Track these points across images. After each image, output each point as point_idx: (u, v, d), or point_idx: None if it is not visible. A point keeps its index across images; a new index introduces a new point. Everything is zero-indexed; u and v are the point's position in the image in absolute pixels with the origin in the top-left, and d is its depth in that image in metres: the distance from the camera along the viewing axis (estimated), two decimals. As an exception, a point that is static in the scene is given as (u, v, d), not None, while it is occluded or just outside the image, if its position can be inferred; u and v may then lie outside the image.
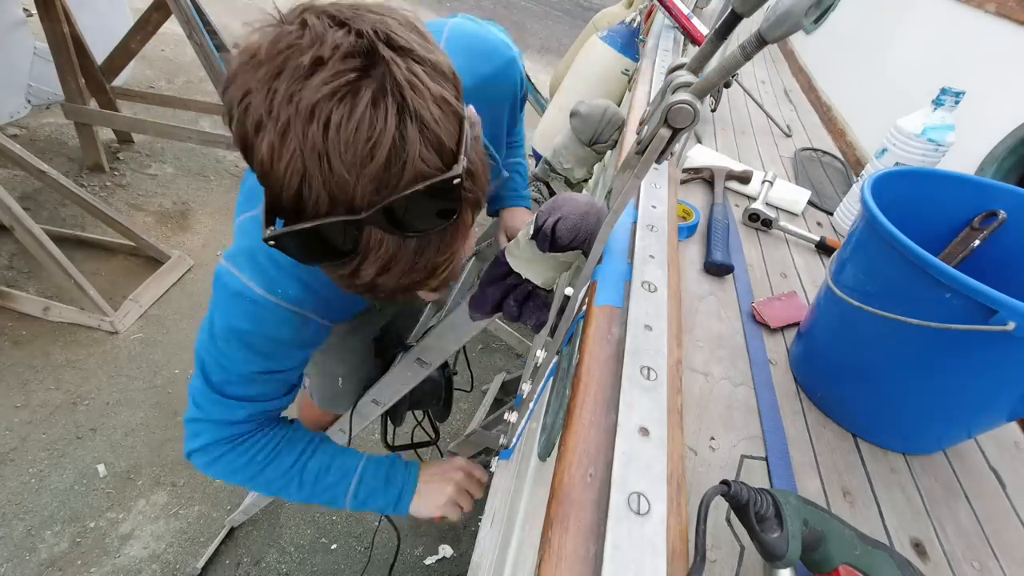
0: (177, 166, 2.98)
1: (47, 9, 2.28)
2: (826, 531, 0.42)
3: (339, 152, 0.38)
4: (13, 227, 1.84)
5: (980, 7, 1.26)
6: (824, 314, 0.70)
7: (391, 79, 0.39)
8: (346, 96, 0.37)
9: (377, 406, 1.05)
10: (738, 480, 0.42)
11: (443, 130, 0.41)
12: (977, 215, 0.72)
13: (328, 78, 0.37)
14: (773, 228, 1.05)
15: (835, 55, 2.03)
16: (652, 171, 0.74)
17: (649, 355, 0.51)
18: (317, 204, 0.40)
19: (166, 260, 2.36)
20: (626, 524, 0.37)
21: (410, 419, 1.26)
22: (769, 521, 0.40)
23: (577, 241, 0.63)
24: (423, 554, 1.71)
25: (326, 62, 0.38)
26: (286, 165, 0.39)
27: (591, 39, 2.13)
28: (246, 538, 1.65)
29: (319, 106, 0.37)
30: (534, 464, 0.76)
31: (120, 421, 1.84)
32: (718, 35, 0.46)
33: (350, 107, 0.37)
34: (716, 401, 0.67)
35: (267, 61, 0.39)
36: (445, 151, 0.42)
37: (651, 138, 0.46)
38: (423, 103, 0.40)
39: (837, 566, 0.41)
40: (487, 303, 0.74)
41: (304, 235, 0.41)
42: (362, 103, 0.38)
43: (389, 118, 0.38)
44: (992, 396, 0.59)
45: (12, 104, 2.86)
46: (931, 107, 0.97)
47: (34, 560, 1.49)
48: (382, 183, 0.39)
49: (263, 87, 0.38)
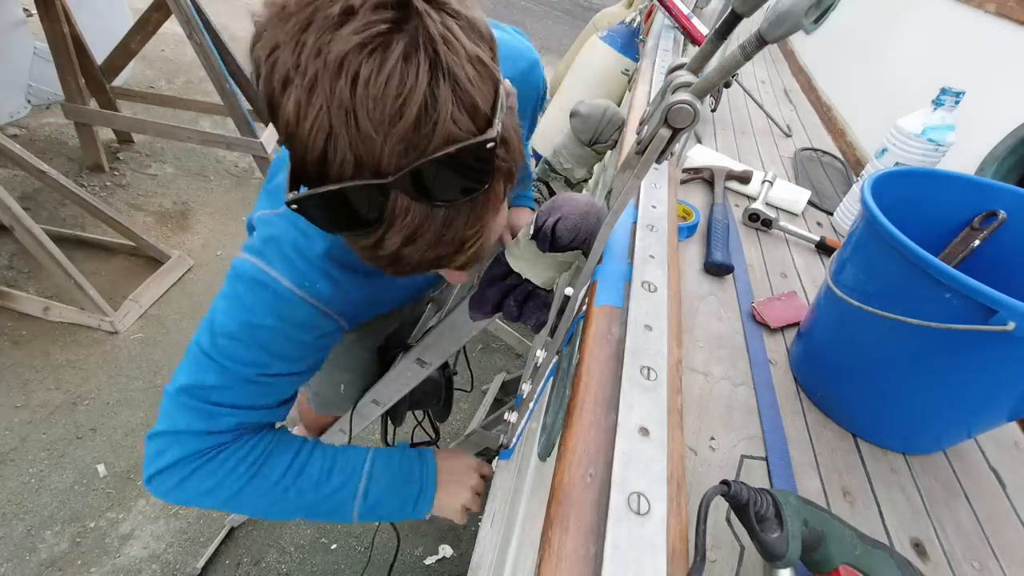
0: (177, 166, 2.98)
1: (47, 9, 2.28)
2: (826, 531, 0.42)
3: (367, 109, 0.36)
4: (13, 227, 1.84)
5: (980, 7, 1.26)
6: (824, 314, 0.70)
7: (424, 33, 0.36)
8: (376, 49, 0.35)
9: (377, 406, 1.05)
10: (738, 480, 0.42)
11: (477, 91, 0.39)
12: (977, 215, 0.72)
13: (359, 28, 0.35)
14: (773, 228, 1.06)
15: (835, 55, 2.03)
16: (652, 171, 0.74)
17: (649, 355, 0.51)
18: (342, 166, 0.38)
19: (166, 260, 2.36)
20: (626, 524, 0.37)
21: (410, 419, 1.26)
22: (769, 521, 0.40)
23: (577, 241, 0.63)
24: (423, 554, 1.71)
25: (356, 11, 0.36)
26: (312, 123, 0.37)
27: (591, 39, 2.13)
28: (246, 538, 1.65)
29: (348, 59, 0.35)
30: (534, 464, 0.76)
31: (120, 421, 1.84)
32: (718, 35, 0.46)
33: (380, 61, 0.35)
34: (716, 401, 0.67)
35: (296, 12, 0.37)
36: (479, 114, 0.40)
37: (651, 138, 0.46)
38: (457, 60, 0.37)
39: (837, 566, 0.41)
40: (487, 303, 0.74)
41: (328, 199, 0.39)
42: (393, 57, 0.36)
43: (421, 74, 0.36)
44: (992, 396, 0.59)
45: (12, 104, 2.86)
46: (931, 107, 0.97)
47: (34, 560, 1.49)
48: (410, 144, 0.37)
49: (291, 40, 0.37)
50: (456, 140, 0.38)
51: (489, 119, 0.40)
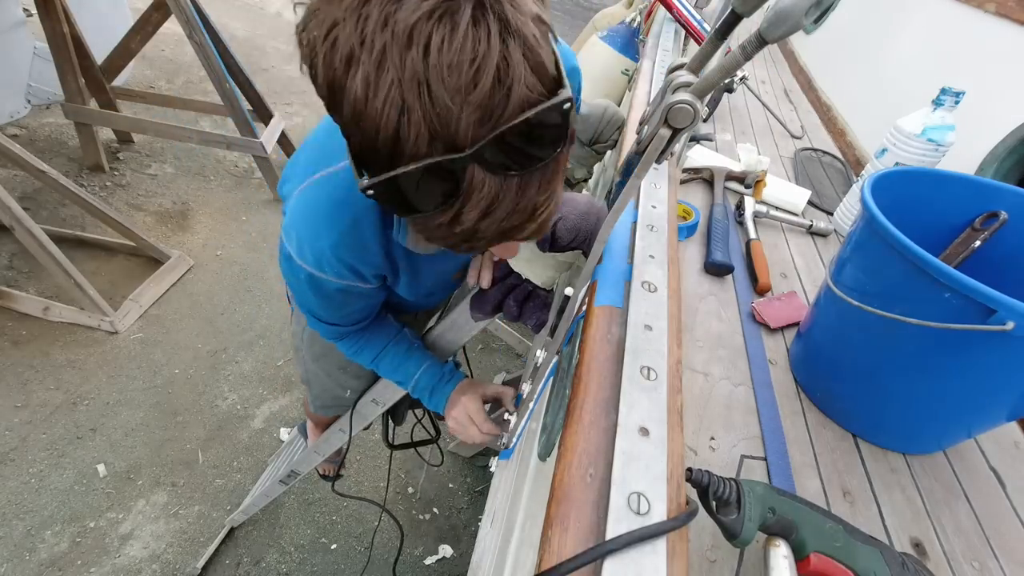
0: (177, 166, 2.98)
1: (47, 9, 2.28)
2: (797, 520, 0.45)
3: (442, 78, 0.34)
4: (13, 227, 1.84)
5: (980, 7, 1.26)
6: (824, 314, 0.70)
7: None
8: (445, 15, 0.34)
9: (377, 406, 1.05)
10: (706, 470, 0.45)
11: (544, 52, 0.37)
12: (978, 216, 0.72)
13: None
14: (764, 218, 1.08)
15: (835, 55, 2.03)
16: (652, 171, 0.74)
17: (649, 355, 0.51)
18: (417, 143, 0.36)
19: (166, 260, 2.36)
20: (626, 524, 0.37)
21: (410, 418, 1.26)
22: (731, 506, 0.44)
23: (577, 241, 0.63)
24: (423, 554, 1.71)
25: None
26: (384, 99, 0.35)
27: (591, 39, 2.13)
28: (246, 538, 1.65)
29: (417, 28, 0.34)
30: (534, 464, 0.76)
31: (120, 421, 1.84)
32: (718, 35, 0.46)
33: (451, 27, 0.34)
34: (716, 401, 0.67)
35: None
36: (547, 76, 0.38)
37: (651, 138, 0.46)
38: (524, 21, 0.36)
39: (809, 553, 0.44)
40: (488, 303, 0.74)
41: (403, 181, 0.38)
42: (463, 22, 0.34)
43: (492, 38, 0.35)
44: (992, 396, 0.59)
45: (12, 104, 2.86)
46: (931, 107, 0.97)
47: (34, 560, 1.49)
48: (487, 113, 0.36)
49: (352, 15, 0.35)
50: (530, 104, 0.37)
51: (558, 79, 0.39)
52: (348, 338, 0.83)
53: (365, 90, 0.35)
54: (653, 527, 0.37)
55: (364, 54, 0.35)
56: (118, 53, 2.75)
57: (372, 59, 0.35)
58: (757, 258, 0.92)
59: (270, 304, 2.34)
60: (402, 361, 0.85)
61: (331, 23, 0.36)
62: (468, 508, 1.87)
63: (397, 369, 0.86)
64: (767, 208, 1.10)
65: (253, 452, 1.85)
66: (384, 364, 0.85)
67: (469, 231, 0.42)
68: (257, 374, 2.08)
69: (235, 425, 1.91)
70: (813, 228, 1.09)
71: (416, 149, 0.37)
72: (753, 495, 0.44)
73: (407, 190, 0.39)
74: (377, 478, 1.86)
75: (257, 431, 1.91)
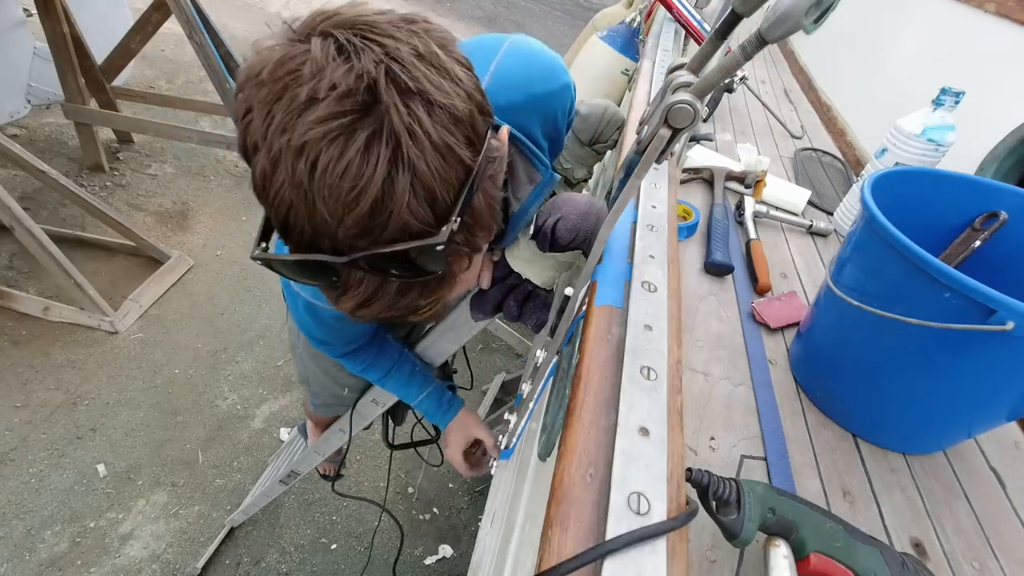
0: (177, 166, 2.98)
1: (47, 9, 2.28)
2: (797, 520, 0.45)
3: (323, 195, 0.37)
4: (13, 227, 1.84)
5: (980, 7, 1.26)
6: (824, 314, 0.70)
7: (388, 124, 0.37)
8: (337, 139, 0.36)
9: (377, 406, 1.05)
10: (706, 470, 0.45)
11: (439, 182, 0.39)
12: (978, 216, 0.72)
13: (322, 117, 0.36)
14: (764, 218, 1.08)
15: (835, 55, 2.03)
16: (652, 171, 0.73)
17: (649, 355, 0.51)
18: (302, 235, 0.40)
19: (166, 260, 2.36)
20: (626, 524, 0.37)
21: (410, 418, 1.26)
22: (730, 506, 0.44)
23: (577, 241, 0.63)
24: (423, 554, 1.71)
25: (321, 101, 0.36)
26: (275, 193, 0.39)
27: (591, 39, 2.13)
28: (246, 538, 1.65)
29: (308, 145, 0.36)
30: (534, 464, 0.76)
31: (120, 421, 1.84)
32: (718, 35, 0.46)
33: (340, 150, 0.36)
34: (716, 401, 0.67)
35: (268, 83, 0.38)
36: (439, 205, 0.40)
37: (651, 138, 0.46)
38: (419, 153, 0.38)
39: (809, 553, 0.44)
40: (488, 303, 0.74)
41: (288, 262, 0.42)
42: (352, 148, 0.36)
43: (379, 165, 0.37)
44: (992, 396, 0.59)
45: (12, 104, 2.85)
46: (931, 107, 0.97)
47: (34, 560, 1.49)
48: (365, 230, 0.38)
49: (263, 109, 0.38)
50: (411, 231, 0.39)
51: (450, 208, 0.40)
52: (350, 357, 0.89)
53: (262, 179, 0.39)
54: (653, 527, 0.37)
55: (264, 149, 0.38)
56: (118, 53, 2.74)
57: (269, 157, 0.38)
58: (757, 258, 0.92)
59: (270, 304, 2.34)
60: (406, 384, 0.95)
61: (247, 107, 0.39)
62: (468, 508, 1.87)
63: (405, 387, 0.95)
64: (767, 208, 1.10)
65: (253, 452, 1.85)
66: (391, 383, 0.94)
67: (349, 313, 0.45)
68: (257, 374, 2.08)
69: (235, 425, 1.91)
70: (813, 228, 1.09)
71: (301, 239, 0.40)
72: (753, 495, 0.44)
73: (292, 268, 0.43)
74: (377, 478, 1.87)
75: (257, 431, 1.91)
